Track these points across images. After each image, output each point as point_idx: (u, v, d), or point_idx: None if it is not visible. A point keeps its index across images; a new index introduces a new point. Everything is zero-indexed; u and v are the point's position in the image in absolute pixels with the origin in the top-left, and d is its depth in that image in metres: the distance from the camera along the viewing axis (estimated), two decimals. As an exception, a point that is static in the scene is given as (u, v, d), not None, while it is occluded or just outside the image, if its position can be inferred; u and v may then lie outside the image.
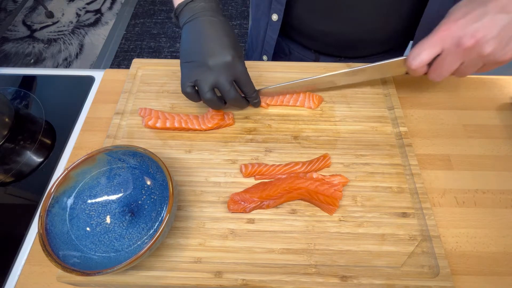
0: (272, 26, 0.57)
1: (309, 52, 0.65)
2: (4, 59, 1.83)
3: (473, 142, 0.50)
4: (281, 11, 0.54)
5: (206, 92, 0.42)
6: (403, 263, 0.38)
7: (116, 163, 0.41)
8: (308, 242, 0.40)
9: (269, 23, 0.57)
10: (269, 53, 0.63)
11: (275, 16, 0.55)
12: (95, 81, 0.59)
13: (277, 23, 0.56)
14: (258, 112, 0.52)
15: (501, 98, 0.55)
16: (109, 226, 0.40)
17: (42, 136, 0.54)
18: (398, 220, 0.41)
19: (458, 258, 0.40)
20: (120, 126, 0.50)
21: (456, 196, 0.45)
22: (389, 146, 0.48)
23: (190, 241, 0.40)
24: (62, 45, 1.91)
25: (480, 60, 0.37)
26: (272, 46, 0.61)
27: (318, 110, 0.52)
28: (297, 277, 0.37)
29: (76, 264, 0.33)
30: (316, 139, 0.49)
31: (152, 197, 0.41)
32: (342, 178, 0.43)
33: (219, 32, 0.41)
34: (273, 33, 0.59)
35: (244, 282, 0.37)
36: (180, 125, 0.48)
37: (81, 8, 2.11)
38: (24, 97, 0.58)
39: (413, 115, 0.53)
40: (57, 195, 0.37)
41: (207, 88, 0.41)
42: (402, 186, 0.44)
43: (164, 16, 2.07)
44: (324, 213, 0.42)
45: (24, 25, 2.00)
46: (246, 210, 0.42)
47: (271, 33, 0.59)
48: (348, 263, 0.38)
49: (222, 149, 0.47)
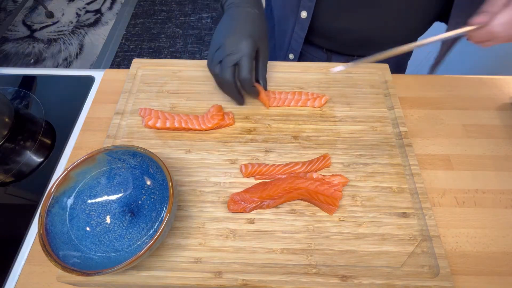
0: (301, 23, 0.57)
1: (321, 52, 0.65)
2: (4, 59, 1.83)
3: (473, 142, 0.50)
4: (310, 8, 0.54)
5: (215, 66, 0.45)
6: (403, 263, 0.38)
7: (116, 163, 0.41)
8: (308, 242, 0.40)
9: (297, 21, 0.57)
10: (297, 51, 0.63)
11: (304, 13, 0.55)
12: (95, 81, 0.59)
13: (306, 20, 0.56)
14: (258, 112, 0.52)
15: (501, 98, 0.55)
16: (109, 226, 0.40)
17: (42, 136, 0.54)
18: (398, 220, 0.41)
19: (458, 258, 0.40)
20: (120, 126, 0.50)
21: (456, 196, 0.45)
22: (389, 146, 0.48)
23: (190, 241, 0.40)
24: (62, 45, 1.91)
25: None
26: (300, 44, 0.61)
27: (318, 110, 0.52)
28: (297, 277, 0.37)
29: (76, 264, 0.33)
30: (316, 139, 0.49)
31: (152, 197, 0.41)
32: (342, 178, 0.43)
33: (246, 20, 0.46)
34: (302, 31, 0.59)
35: (244, 282, 0.37)
36: (180, 125, 0.48)
37: (81, 8, 2.11)
38: (24, 97, 0.58)
39: (413, 115, 0.53)
40: (57, 195, 0.37)
41: (215, 62, 0.45)
42: (402, 186, 0.44)
43: (164, 16, 2.07)
44: (324, 213, 0.42)
45: (24, 25, 2.00)
46: (246, 210, 0.42)
47: (299, 31, 0.59)
48: (348, 263, 0.38)
49: (222, 149, 0.47)
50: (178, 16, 2.07)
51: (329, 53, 0.65)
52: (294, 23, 0.59)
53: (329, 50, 0.65)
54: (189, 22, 2.04)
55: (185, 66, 0.57)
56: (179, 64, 0.57)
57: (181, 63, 0.57)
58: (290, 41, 0.63)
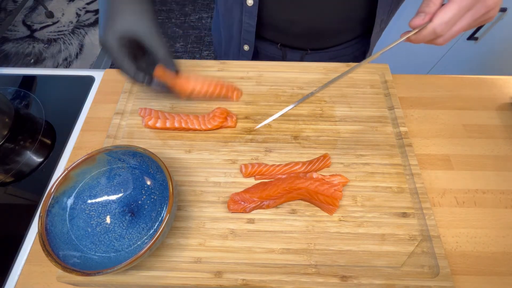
0: (249, 12, 0.56)
1: (275, 48, 0.64)
2: (4, 59, 1.83)
3: (473, 142, 0.50)
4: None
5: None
6: (403, 263, 0.38)
7: (116, 163, 0.41)
8: (308, 242, 0.40)
9: (244, 10, 0.56)
10: (251, 42, 0.62)
11: (250, 1, 0.54)
12: (95, 81, 0.59)
13: (253, 7, 0.54)
14: (258, 112, 0.52)
15: (501, 98, 0.55)
16: (109, 226, 0.40)
17: (42, 136, 0.54)
18: (398, 220, 0.41)
19: (458, 258, 0.40)
20: (120, 126, 0.50)
21: (456, 196, 0.45)
22: (389, 146, 0.48)
23: (190, 241, 0.40)
24: (62, 45, 1.91)
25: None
26: (253, 33, 0.60)
27: (318, 110, 0.52)
28: (297, 277, 0.37)
29: (76, 264, 0.33)
30: (316, 139, 0.49)
31: (152, 197, 0.41)
32: (342, 178, 0.43)
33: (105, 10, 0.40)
34: (251, 20, 0.57)
35: (244, 282, 0.37)
36: (180, 125, 0.48)
37: (81, 8, 2.11)
38: (24, 97, 0.58)
39: (413, 115, 0.53)
40: (57, 195, 0.37)
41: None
42: (402, 186, 0.44)
43: (164, 16, 2.07)
44: (324, 213, 0.42)
45: (24, 25, 2.00)
46: (246, 210, 0.42)
47: (249, 20, 0.57)
48: (348, 263, 0.38)
49: (222, 149, 0.47)
50: (178, 16, 2.07)
51: (283, 48, 0.64)
52: (240, 13, 0.57)
53: (283, 45, 0.64)
54: (189, 22, 2.04)
55: (185, 66, 0.57)
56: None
57: (181, 63, 0.57)
58: (241, 32, 0.61)
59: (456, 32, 0.36)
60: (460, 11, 0.34)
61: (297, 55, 0.64)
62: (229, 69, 0.57)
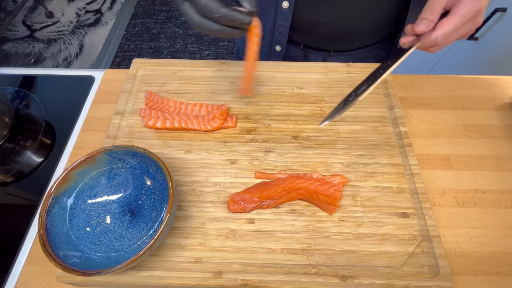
0: (283, 14, 0.57)
1: (298, 48, 0.65)
2: (4, 59, 1.83)
3: (473, 142, 0.50)
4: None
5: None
6: (403, 263, 0.38)
7: (116, 163, 0.41)
8: (308, 242, 0.40)
9: (279, 12, 0.57)
10: (283, 43, 0.63)
11: (286, 3, 0.55)
12: (95, 81, 0.59)
13: (289, 10, 0.56)
14: (258, 112, 0.52)
15: (501, 98, 0.55)
16: (109, 226, 0.40)
17: (42, 136, 0.54)
18: (398, 220, 0.41)
19: (458, 258, 0.40)
20: (120, 126, 0.50)
21: (456, 196, 0.45)
22: (389, 146, 0.48)
23: (190, 241, 0.40)
24: (62, 45, 1.91)
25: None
26: (285, 35, 0.61)
27: (318, 110, 0.52)
28: (297, 277, 0.37)
29: (76, 264, 0.33)
30: (316, 139, 0.48)
31: (152, 197, 0.41)
32: (342, 178, 0.43)
33: None
34: (285, 21, 0.58)
35: (244, 282, 0.37)
36: (180, 125, 0.48)
37: (81, 8, 2.11)
38: (24, 97, 0.58)
39: (413, 115, 0.53)
40: (57, 195, 0.37)
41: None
42: (402, 186, 0.44)
43: (164, 16, 2.07)
44: (324, 213, 0.42)
45: (24, 25, 2.00)
46: (246, 210, 0.42)
47: (282, 22, 0.58)
48: (348, 263, 0.38)
49: (222, 149, 0.47)
50: (178, 16, 2.07)
51: (306, 49, 0.65)
52: (274, 15, 0.58)
53: (306, 46, 0.64)
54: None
55: (185, 66, 0.57)
56: (179, 64, 0.57)
57: (181, 63, 0.57)
58: (274, 33, 0.62)
59: (450, 42, 0.38)
60: (460, 23, 0.35)
61: (320, 56, 0.65)
62: (229, 69, 0.57)
